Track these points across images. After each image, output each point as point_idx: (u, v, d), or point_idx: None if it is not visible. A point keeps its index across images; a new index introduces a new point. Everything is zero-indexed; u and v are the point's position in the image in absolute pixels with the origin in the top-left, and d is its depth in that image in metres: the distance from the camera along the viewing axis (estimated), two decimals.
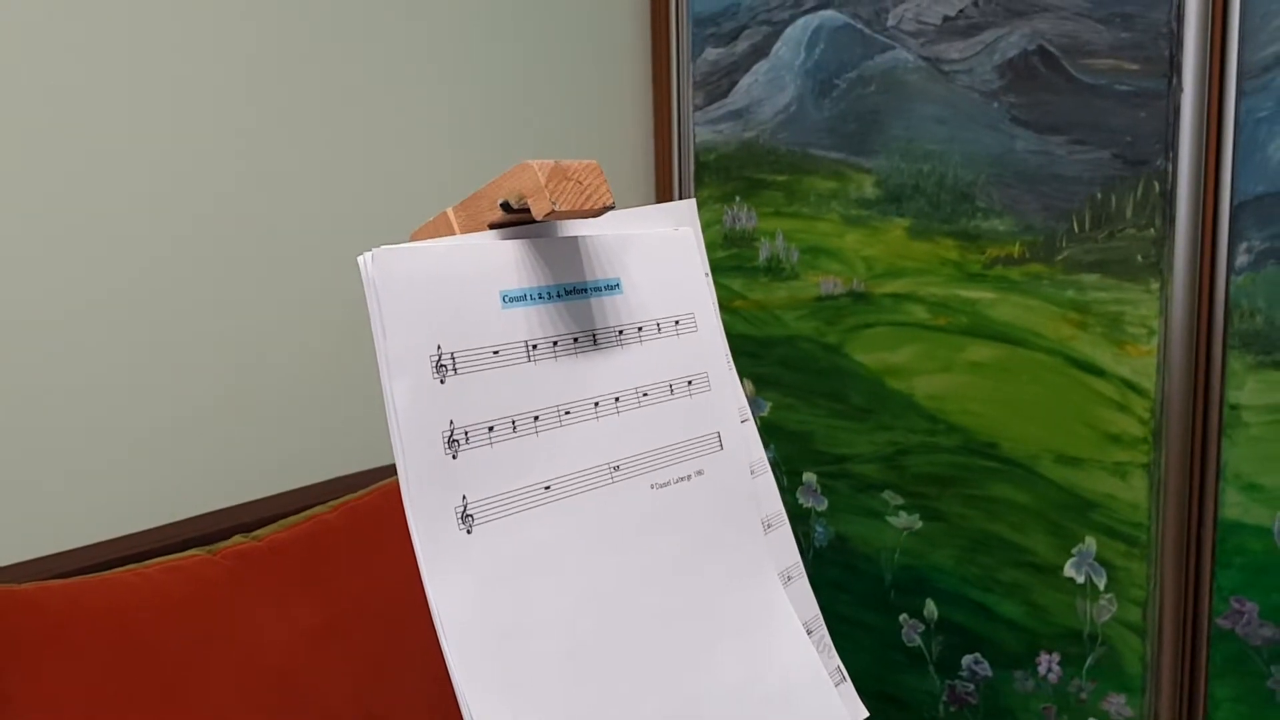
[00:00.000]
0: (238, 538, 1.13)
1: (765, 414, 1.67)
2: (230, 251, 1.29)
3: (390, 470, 1.36)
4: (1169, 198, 1.29)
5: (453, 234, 0.58)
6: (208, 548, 1.10)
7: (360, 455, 1.41)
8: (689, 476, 0.63)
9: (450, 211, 0.57)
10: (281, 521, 1.17)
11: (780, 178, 1.60)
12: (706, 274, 0.68)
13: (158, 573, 1.05)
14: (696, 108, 1.68)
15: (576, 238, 0.61)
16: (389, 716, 1.11)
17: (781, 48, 1.57)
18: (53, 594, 0.98)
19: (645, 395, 0.62)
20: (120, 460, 1.21)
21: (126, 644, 0.98)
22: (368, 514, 1.20)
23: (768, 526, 0.68)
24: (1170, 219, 1.30)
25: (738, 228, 1.66)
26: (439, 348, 0.54)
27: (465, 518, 0.54)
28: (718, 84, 1.65)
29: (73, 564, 1.09)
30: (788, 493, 1.66)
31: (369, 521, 1.20)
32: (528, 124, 1.59)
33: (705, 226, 1.68)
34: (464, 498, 0.54)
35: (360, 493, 1.23)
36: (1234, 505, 1.31)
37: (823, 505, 1.64)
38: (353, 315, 1.39)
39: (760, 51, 1.59)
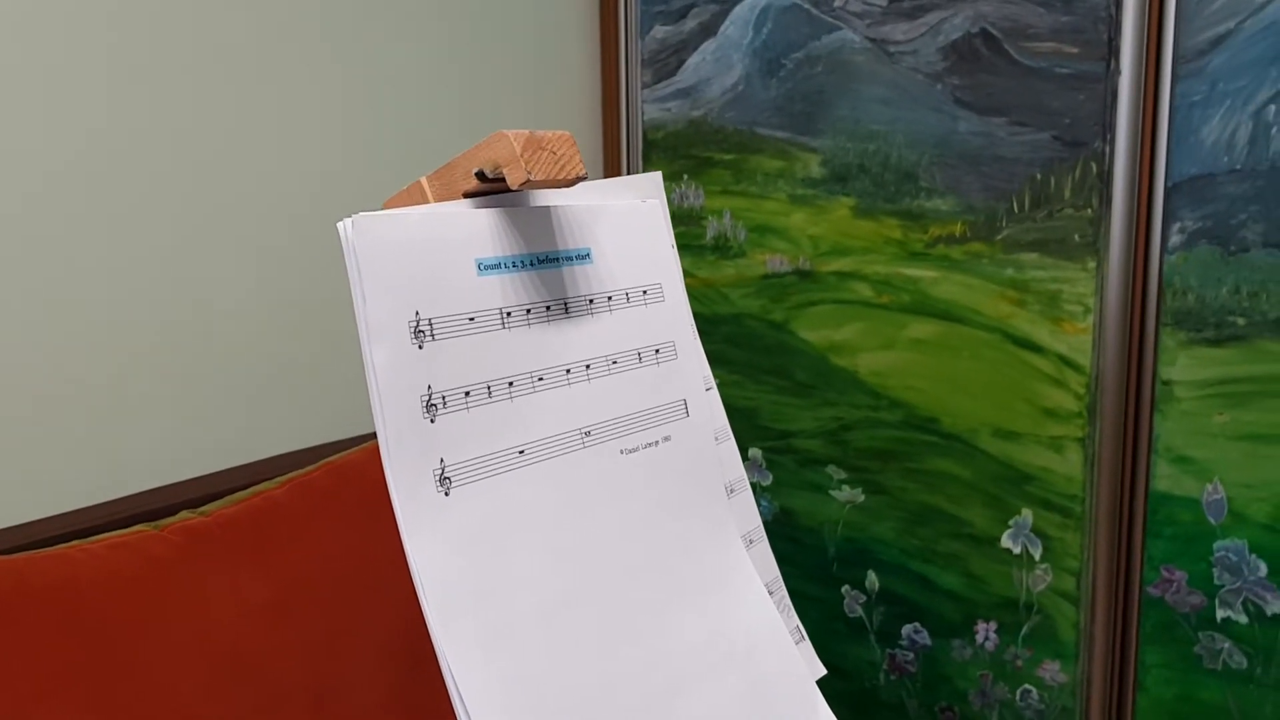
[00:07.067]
0: (185, 513, 1.12)
1: None
2: (178, 227, 1.27)
3: (339, 446, 1.35)
4: (1106, 179, 1.33)
5: (426, 203, 0.58)
6: (154, 524, 1.09)
7: (309, 431, 1.40)
8: (657, 442, 0.65)
9: (424, 180, 0.58)
10: (229, 497, 1.16)
11: (728, 156, 1.62)
12: (672, 245, 0.69)
13: (104, 549, 1.03)
14: (644, 85, 1.68)
15: (549, 208, 0.62)
16: (339, 692, 1.11)
17: (729, 26, 1.58)
18: None
19: (615, 363, 0.64)
20: (64, 435, 1.20)
21: (72, 621, 0.97)
22: (316, 490, 1.20)
23: (731, 491, 0.69)
24: (1107, 200, 1.33)
25: (685, 206, 1.67)
26: (417, 314, 0.55)
27: (443, 480, 0.54)
28: (666, 62, 1.65)
29: (16, 540, 1.07)
30: None
31: (318, 498, 1.19)
32: (475, 101, 1.58)
33: None
34: (442, 461, 0.55)
35: (309, 469, 1.22)
36: (1165, 477, 1.35)
37: (767, 480, 1.66)
38: (302, 290, 1.38)
39: (708, 30, 1.60)
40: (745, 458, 1.67)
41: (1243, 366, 1.29)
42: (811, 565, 1.63)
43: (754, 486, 1.67)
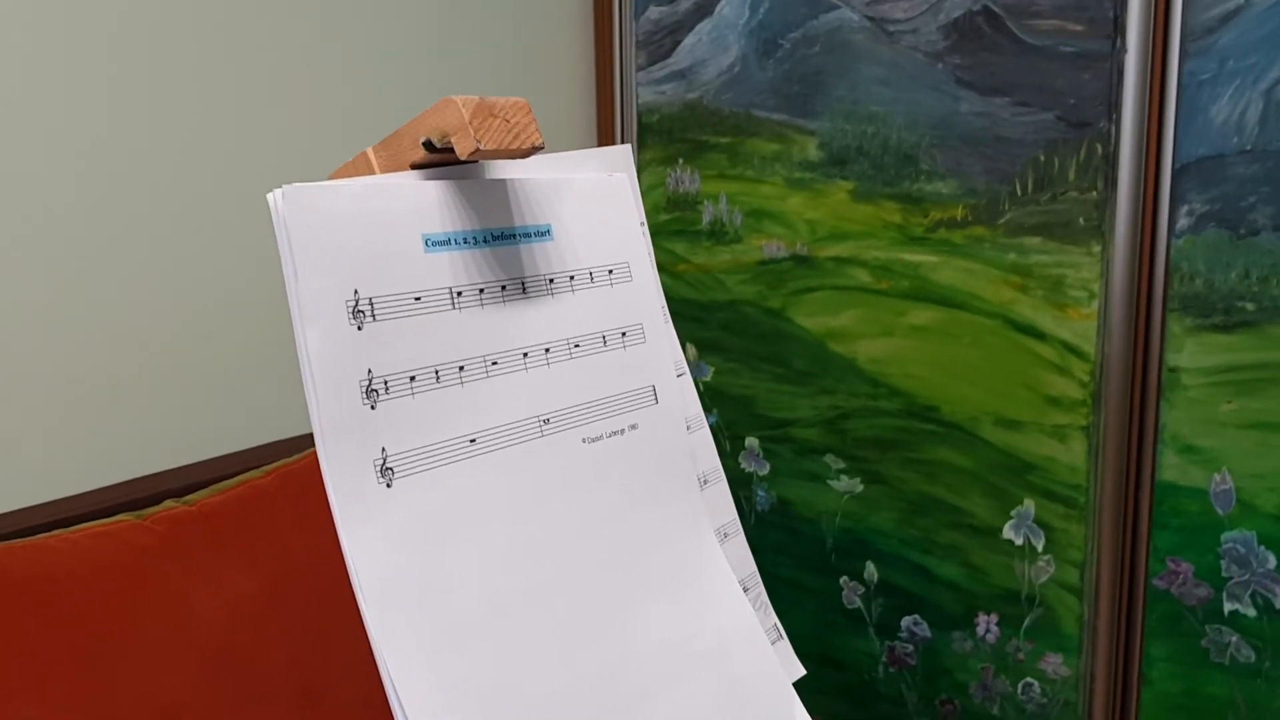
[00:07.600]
0: (169, 503, 1.11)
1: (708, 379, 1.66)
2: (154, 210, 1.26)
3: None
4: (1111, 160, 1.30)
5: (373, 175, 0.55)
6: (137, 513, 1.08)
7: (294, 420, 1.38)
8: (622, 430, 0.62)
9: (370, 151, 0.55)
10: (214, 486, 1.15)
11: (723, 140, 1.59)
12: (642, 222, 0.66)
13: (86, 539, 1.02)
14: (639, 68, 1.65)
15: (505, 180, 0.59)
16: (325, 684, 1.10)
17: (725, 6, 1.55)
18: None
19: (577, 346, 0.61)
20: (46, 424, 1.18)
21: (54, 611, 0.96)
22: (303, 479, 1.19)
23: (704, 482, 0.67)
24: (1112, 182, 1.30)
25: (681, 190, 1.64)
26: (356, 292, 0.52)
27: (385, 471, 0.52)
28: (660, 43, 1.63)
29: None
30: (730, 457, 1.66)
31: (304, 486, 1.18)
32: (467, 86, 1.56)
33: (648, 190, 1.66)
34: (383, 450, 0.52)
35: (295, 457, 1.21)
36: (1171, 467, 1.32)
37: (765, 470, 1.64)
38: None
39: (704, 10, 1.57)
40: (742, 447, 1.65)
41: (1252, 353, 1.26)
42: (809, 556, 1.61)
43: (751, 476, 1.65)
